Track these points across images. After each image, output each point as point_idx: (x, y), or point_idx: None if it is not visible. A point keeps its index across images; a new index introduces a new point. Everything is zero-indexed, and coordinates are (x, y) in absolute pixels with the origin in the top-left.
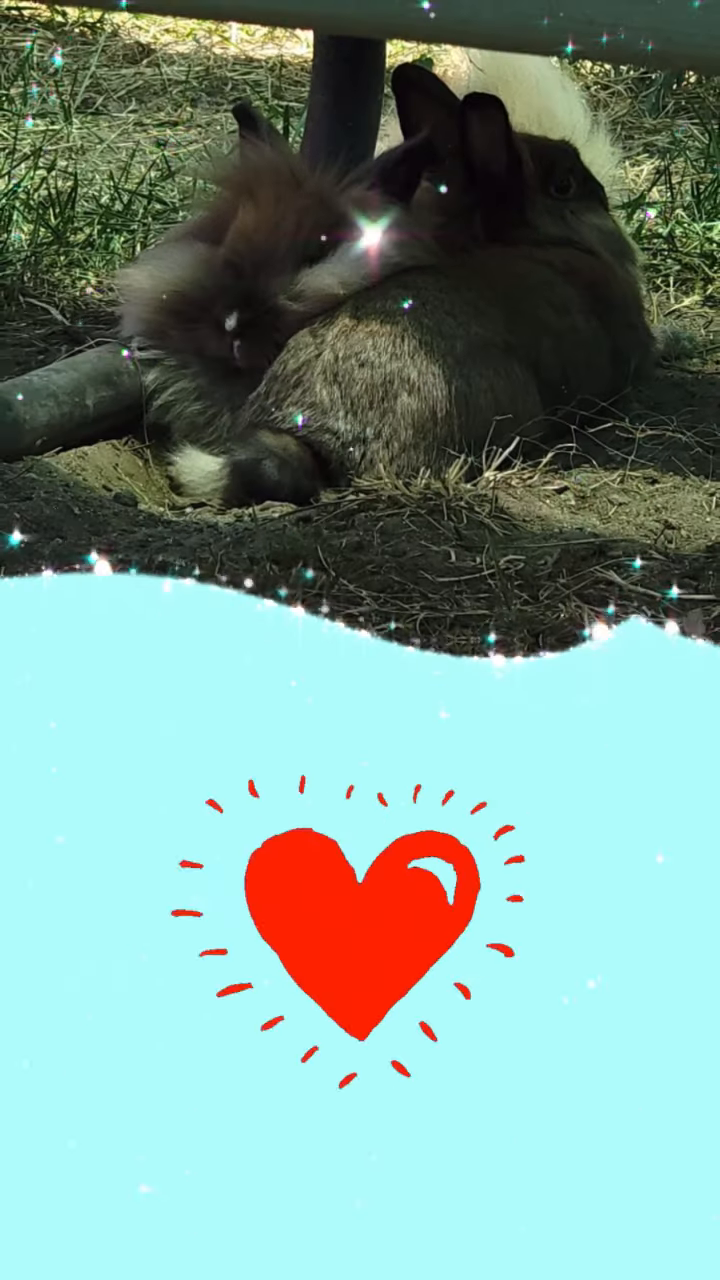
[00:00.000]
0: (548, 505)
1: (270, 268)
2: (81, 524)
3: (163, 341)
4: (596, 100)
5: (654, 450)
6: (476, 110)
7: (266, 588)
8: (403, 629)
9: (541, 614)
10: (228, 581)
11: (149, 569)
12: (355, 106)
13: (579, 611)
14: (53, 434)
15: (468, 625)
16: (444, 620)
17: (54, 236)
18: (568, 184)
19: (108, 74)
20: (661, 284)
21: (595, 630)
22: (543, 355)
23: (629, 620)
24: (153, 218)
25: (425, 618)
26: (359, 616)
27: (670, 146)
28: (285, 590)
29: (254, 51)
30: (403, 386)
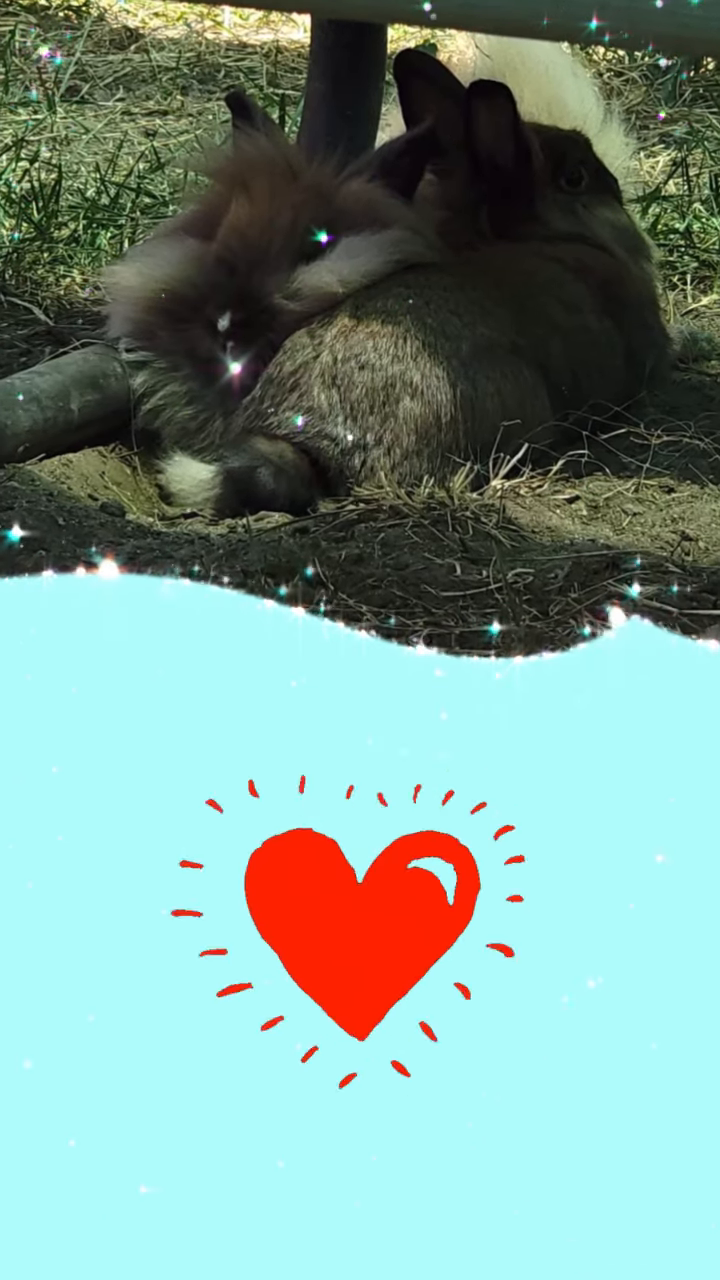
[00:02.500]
0: (558, 515)
1: (265, 265)
2: (66, 535)
3: (152, 343)
4: (609, 88)
5: (670, 457)
6: (483, 99)
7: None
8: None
9: (551, 630)
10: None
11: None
12: (355, 95)
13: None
14: (35, 440)
15: (473, 642)
16: (449, 637)
17: (37, 232)
18: (579, 176)
19: (94, 60)
20: (678, 282)
21: (595, 630)
22: (552, 357)
23: (630, 621)
24: (141, 212)
25: (429, 634)
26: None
27: (687, 137)
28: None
29: (248, 37)
30: (405, 390)
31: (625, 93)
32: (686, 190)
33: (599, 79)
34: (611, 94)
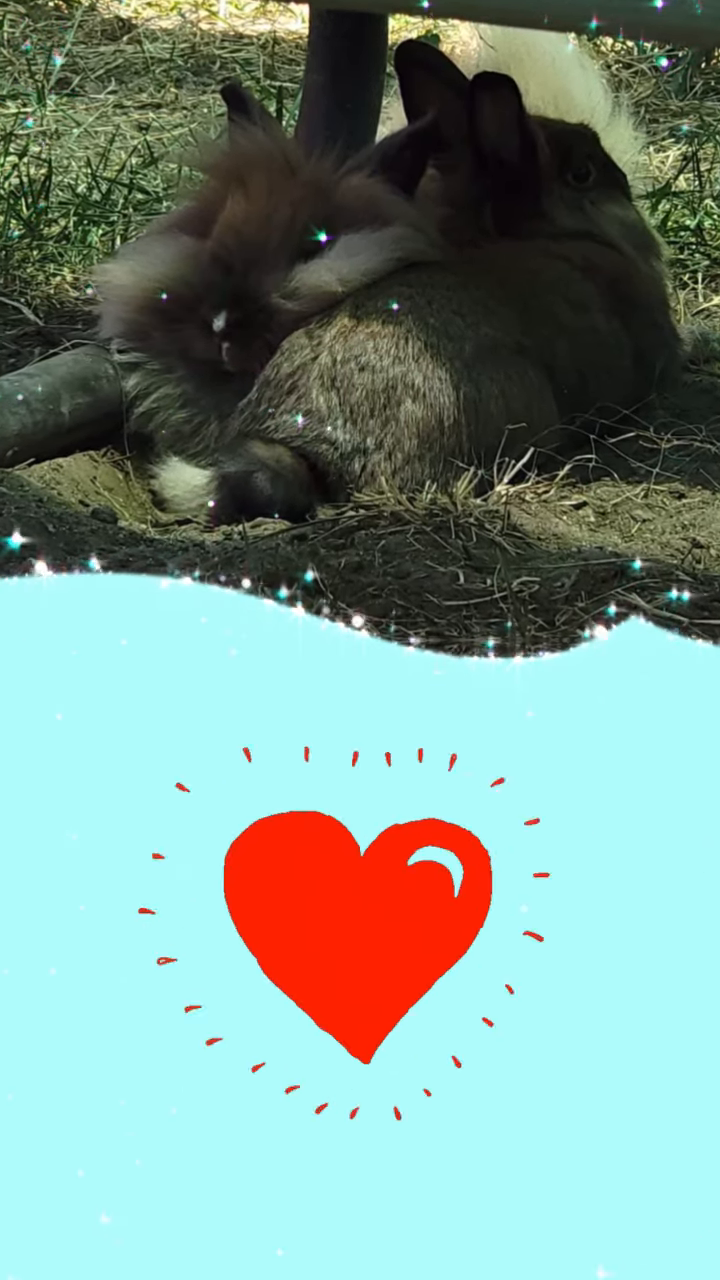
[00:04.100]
0: (565, 522)
1: (262, 263)
2: (56, 543)
3: (145, 343)
4: (618, 80)
5: (680, 462)
6: (487, 91)
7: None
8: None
9: (558, 640)
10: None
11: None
12: (355, 87)
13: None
14: (25, 444)
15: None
16: (451, 647)
17: (26, 229)
18: (586, 171)
19: (85, 51)
20: (689, 280)
21: (596, 631)
22: (559, 358)
23: (629, 620)
24: (134, 208)
25: (431, 645)
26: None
27: (698, 130)
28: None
29: (244, 27)
30: (406, 392)
31: (634, 85)
32: (698, 186)
33: (607, 71)
34: (620, 86)
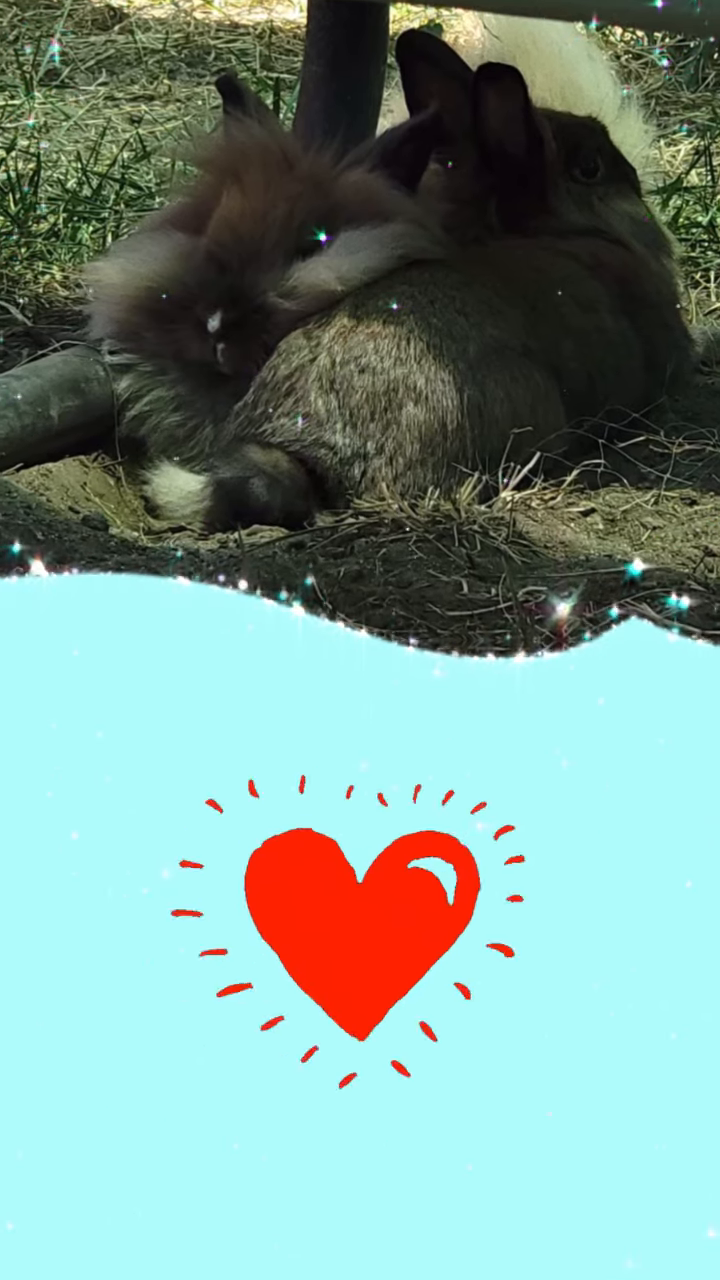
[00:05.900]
0: (572, 529)
1: (258, 261)
2: (46, 551)
3: (137, 344)
4: (627, 72)
5: (692, 467)
6: (492, 83)
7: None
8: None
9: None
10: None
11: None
12: (354, 79)
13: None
14: (13, 448)
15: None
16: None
17: (14, 225)
18: (595, 166)
19: (75, 42)
20: (701, 279)
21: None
22: (566, 360)
23: (629, 620)
24: (125, 204)
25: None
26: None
27: (711, 124)
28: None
29: (240, 16)
30: (408, 395)
31: (644, 77)
32: (710, 181)
33: (616, 62)
34: (630, 78)
